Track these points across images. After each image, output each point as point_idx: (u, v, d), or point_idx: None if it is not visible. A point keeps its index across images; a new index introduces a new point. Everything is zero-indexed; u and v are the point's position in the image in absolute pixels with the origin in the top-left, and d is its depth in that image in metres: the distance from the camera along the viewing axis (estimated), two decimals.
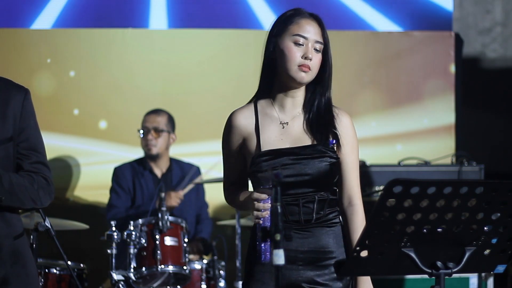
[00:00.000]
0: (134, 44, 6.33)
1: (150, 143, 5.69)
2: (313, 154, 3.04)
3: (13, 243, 3.04)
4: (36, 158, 3.06)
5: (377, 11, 6.53)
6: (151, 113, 5.77)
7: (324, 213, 3.06)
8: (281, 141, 3.06)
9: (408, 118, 6.49)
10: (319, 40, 3.08)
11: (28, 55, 6.21)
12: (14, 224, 3.05)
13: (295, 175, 3.03)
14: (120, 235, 4.80)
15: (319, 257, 3.05)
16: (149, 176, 5.72)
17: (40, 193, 3.04)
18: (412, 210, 2.52)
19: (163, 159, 5.76)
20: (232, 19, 6.44)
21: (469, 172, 5.33)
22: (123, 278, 4.82)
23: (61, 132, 6.20)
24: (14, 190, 2.95)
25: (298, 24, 3.10)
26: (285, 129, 3.09)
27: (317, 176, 3.03)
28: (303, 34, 3.07)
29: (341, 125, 3.11)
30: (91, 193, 5.86)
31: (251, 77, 6.44)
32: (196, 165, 5.88)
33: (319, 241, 3.05)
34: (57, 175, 6.19)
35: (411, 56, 6.54)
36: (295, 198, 3.04)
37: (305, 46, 3.06)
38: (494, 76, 7.36)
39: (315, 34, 3.08)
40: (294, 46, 3.07)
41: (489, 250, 2.68)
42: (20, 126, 3.02)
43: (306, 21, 3.10)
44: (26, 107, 3.03)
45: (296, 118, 3.12)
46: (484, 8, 7.38)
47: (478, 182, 2.58)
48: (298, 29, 3.09)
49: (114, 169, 5.77)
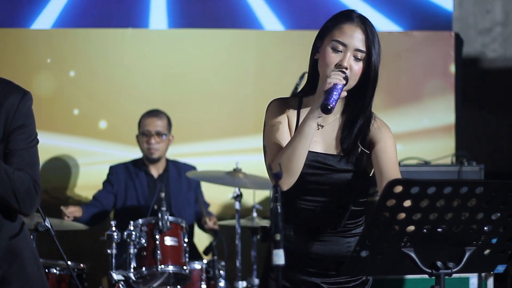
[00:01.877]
0: (134, 44, 6.33)
1: (153, 147, 5.68)
2: (336, 167, 2.98)
3: (9, 243, 3.00)
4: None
5: (377, 11, 6.53)
6: (151, 116, 5.74)
7: (341, 224, 3.00)
8: (314, 143, 2.98)
9: (408, 118, 6.49)
10: (360, 49, 2.94)
11: (28, 55, 6.21)
12: (8, 225, 3.00)
13: (315, 182, 2.98)
14: (120, 235, 4.80)
15: (331, 266, 3.03)
16: (144, 177, 5.72)
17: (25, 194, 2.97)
18: (412, 210, 2.52)
19: (161, 160, 5.77)
20: (232, 19, 6.43)
21: (469, 172, 5.33)
22: (123, 278, 4.82)
23: (61, 132, 6.20)
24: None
25: (340, 30, 2.97)
26: (320, 131, 3.02)
27: (336, 188, 2.98)
28: (342, 41, 2.95)
29: (379, 132, 3.01)
30: (91, 193, 5.85)
31: (251, 77, 6.47)
32: (193, 165, 5.88)
33: (331, 249, 3.01)
34: (57, 175, 6.20)
35: (411, 56, 6.54)
36: (312, 205, 3.00)
37: (343, 53, 2.94)
38: (494, 76, 7.36)
39: (356, 41, 2.95)
40: (332, 52, 2.95)
41: (489, 250, 2.68)
42: (11, 128, 2.93)
43: (349, 27, 2.97)
44: (21, 109, 2.94)
45: (332, 123, 3.04)
46: (484, 8, 7.38)
47: (478, 182, 2.58)
48: (339, 35, 2.96)
49: (109, 167, 5.79)
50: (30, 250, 3.09)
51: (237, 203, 5.26)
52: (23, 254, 3.05)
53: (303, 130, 2.90)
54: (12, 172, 2.91)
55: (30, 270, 3.06)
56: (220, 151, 6.31)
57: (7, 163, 2.93)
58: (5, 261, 2.99)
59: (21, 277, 3.02)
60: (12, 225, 3.02)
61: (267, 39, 6.45)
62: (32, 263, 3.08)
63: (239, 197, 5.26)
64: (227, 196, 5.57)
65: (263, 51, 6.44)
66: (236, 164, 5.37)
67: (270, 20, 6.45)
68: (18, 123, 2.95)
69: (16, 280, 3.00)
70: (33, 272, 3.07)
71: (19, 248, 3.03)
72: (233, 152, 6.21)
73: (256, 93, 6.29)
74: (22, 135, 2.96)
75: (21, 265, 3.03)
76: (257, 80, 6.34)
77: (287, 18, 6.43)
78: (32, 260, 3.08)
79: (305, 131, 2.89)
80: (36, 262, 3.10)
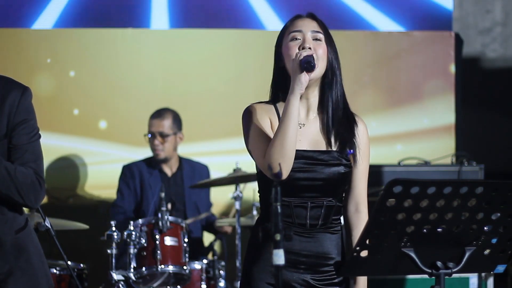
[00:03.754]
0: (134, 44, 6.33)
1: (157, 148, 5.69)
2: (329, 161, 3.01)
3: (15, 237, 3.04)
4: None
5: (378, 11, 6.53)
6: (155, 117, 5.75)
7: (329, 219, 3.04)
8: (299, 142, 3.01)
9: (408, 118, 6.49)
10: (316, 30, 3.06)
11: (28, 55, 6.21)
12: (14, 219, 3.05)
13: (308, 179, 3.00)
14: (120, 235, 4.80)
15: (319, 263, 3.03)
16: (158, 175, 5.73)
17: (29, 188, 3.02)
18: (412, 210, 2.53)
19: (173, 159, 5.77)
20: (234, 19, 6.44)
21: (469, 172, 5.33)
22: (123, 278, 4.82)
23: (61, 132, 6.20)
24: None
25: (291, 23, 3.11)
26: (302, 130, 3.05)
27: (329, 183, 3.01)
28: (297, 28, 3.07)
29: (358, 133, 3.09)
30: (91, 193, 5.86)
31: (251, 77, 6.47)
32: (205, 164, 5.89)
33: (321, 246, 3.04)
34: (57, 175, 6.20)
35: (411, 56, 6.54)
36: (304, 201, 3.01)
37: (302, 39, 3.05)
38: (494, 76, 7.37)
39: (310, 25, 3.07)
40: (291, 42, 3.06)
41: (489, 250, 2.68)
42: (13, 123, 3.00)
43: (300, 19, 3.11)
44: (22, 104, 3.01)
45: (312, 121, 3.08)
46: (484, 8, 7.38)
47: (478, 182, 2.58)
48: (292, 27, 3.09)
49: (123, 167, 5.77)
50: (35, 245, 3.13)
51: (237, 203, 5.27)
52: (29, 249, 3.09)
53: (288, 110, 2.93)
54: (14, 169, 2.96)
55: (35, 264, 3.10)
56: (220, 151, 6.31)
57: (11, 158, 3.00)
58: (11, 255, 3.03)
59: (27, 271, 3.06)
60: (18, 218, 3.07)
61: (267, 39, 6.42)
62: (37, 258, 3.12)
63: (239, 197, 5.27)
64: (227, 196, 5.57)
65: (264, 51, 6.43)
66: (236, 164, 5.37)
67: (272, 20, 6.45)
68: (20, 118, 3.02)
69: (22, 274, 3.04)
70: (38, 266, 3.11)
71: (24, 243, 3.08)
72: (233, 152, 6.21)
73: (256, 93, 6.26)
74: (25, 130, 3.03)
75: (27, 259, 3.06)
76: (257, 80, 6.34)
77: (289, 18, 6.42)
78: (37, 254, 3.12)
79: (290, 110, 2.93)
80: (40, 257, 3.14)
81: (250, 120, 3.09)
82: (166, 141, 5.70)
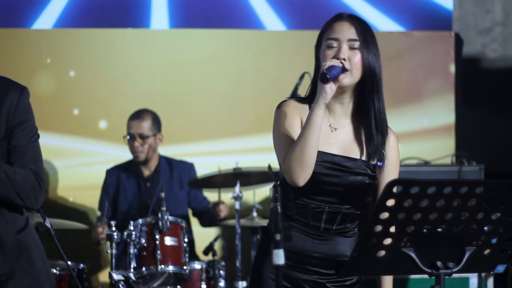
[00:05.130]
0: (134, 44, 6.33)
1: (137, 150, 5.69)
2: (354, 169, 2.99)
3: (16, 238, 3.05)
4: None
5: (378, 11, 6.53)
6: (134, 119, 5.72)
7: (345, 225, 3.03)
8: (329, 145, 3.00)
9: (408, 118, 6.49)
10: (353, 38, 2.98)
11: (28, 55, 6.21)
12: (14, 219, 3.05)
13: (330, 183, 2.98)
14: (120, 235, 4.80)
15: (331, 264, 3.03)
16: (134, 180, 5.72)
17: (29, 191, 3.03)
18: (412, 210, 2.52)
19: (152, 160, 5.76)
20: (234, 19, 6.44)
21: (469, 172, 5.33)
22: (123, 278, 4.82)
23: (61, 132, 6.20)
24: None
25: (330, 28, 3.02)
26: (334, 133, 3.02)
27: (350, 191, 2.99)
28: (333, 36, 2.99)
29: (388, 145, 3.05)
30: (91, 193, 5.86)
31: (251, 77, 6.47)
32: (190, 162, 5.87)
33: (334, 249, 3.03)
34: (57, 175, 6.20)
35: (411, 56, 6.54)
36: (321, 205, 3.00)
37: (338, 48, 2.98)
38: (494, 76, 7.36)
39: (347, 33, 2.98)
40: (328, 49, 2.99)
41: (489, 250, 2.68)
42: (12, 124, 3.00)
43: (338, 24, 3.02)
44: (20, 105, 3.01)
45: (346, 126, 3.04)
46: (484, 8, 7.38)
47: (478, 182, 2.58)
48: (330, 33, 3.01)
49: (106, 172, 5.80)
50: (36, 244, 3.14)
51: (237, 203, 5.27)
52: (30, 248, 3.09)
53: (311, 119, 2.90)
54: (13, 172, 2.97)
55: (37, 263, 3.10)
56: (220, 151, 6.31)
57: (11, 159, 3.00)
58: (13, 256, 3.03)
59: (29, 271, 3.06)
60: (18, 219, 3.08)
61: (267, 39, 6.45)
62: (39, 257, 3.12)
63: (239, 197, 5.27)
64: (227, 196, 5.57)
65: (264, 51, 6.44)
66: (236, 164, 5.37)
67: (272, 20, 6.45)
68: (19, 119, 3.02)
69: (24, 274, 3.05)
70: (40, 266, 3.11)
71: (26, 242, 3.08)
72: (233, 152, 6.21)
73: (256, 93, 6.29)
74: (24, 131, 3.03)
75: (28, 259, 3.07)
76: (257, 80, 6.34)
77: (289, 18, 6.43)
78: (38, 254, 3.13)
79: (313, 119, 2.90)
80: (42, 256, 3.15)
81: (280, 118, 3.03)
82: (146, 142, 5.69)
